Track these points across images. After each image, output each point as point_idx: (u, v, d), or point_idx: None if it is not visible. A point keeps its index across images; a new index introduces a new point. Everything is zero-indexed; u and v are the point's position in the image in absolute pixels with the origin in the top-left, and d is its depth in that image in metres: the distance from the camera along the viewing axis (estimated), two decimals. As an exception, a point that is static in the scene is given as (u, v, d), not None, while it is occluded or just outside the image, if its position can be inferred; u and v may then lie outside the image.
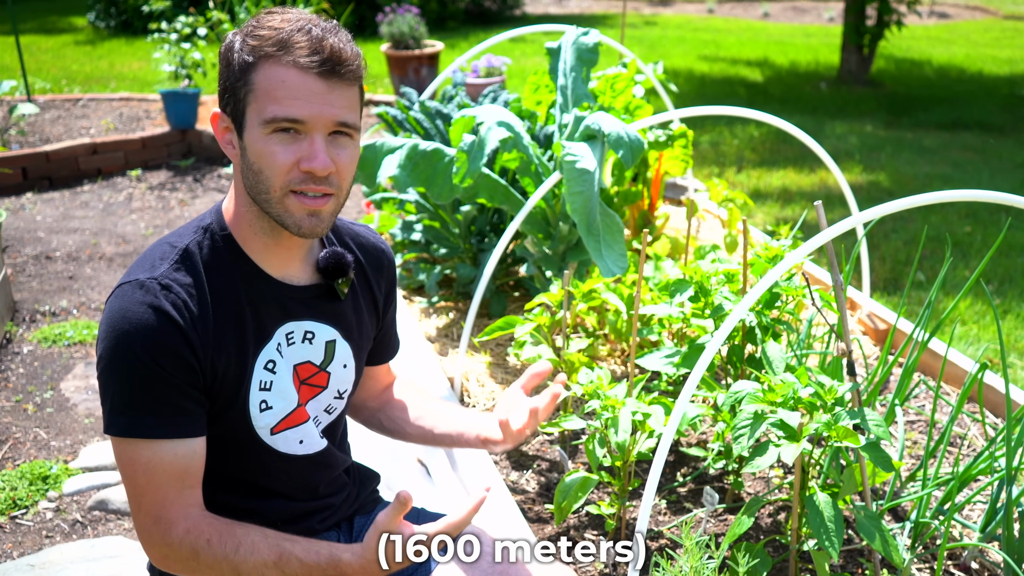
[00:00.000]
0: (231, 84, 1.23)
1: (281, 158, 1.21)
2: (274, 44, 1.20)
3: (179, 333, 1.21)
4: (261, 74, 1.20)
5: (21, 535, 2.25)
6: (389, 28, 6.64)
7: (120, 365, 1.20)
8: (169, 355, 1.21)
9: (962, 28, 11.93)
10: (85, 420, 2.76)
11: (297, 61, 1.19)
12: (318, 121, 1.21)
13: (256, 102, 1.21)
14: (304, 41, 1.19)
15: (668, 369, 1.96)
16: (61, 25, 10.42)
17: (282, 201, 1.23)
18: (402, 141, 2.50)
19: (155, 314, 1.21)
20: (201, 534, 1.23)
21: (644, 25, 11.44)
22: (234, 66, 1.23)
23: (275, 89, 1.19)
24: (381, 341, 1.52)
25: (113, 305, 1.23)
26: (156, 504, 1.23)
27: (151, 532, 1.24)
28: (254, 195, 1.25)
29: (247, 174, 1.25)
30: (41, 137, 5.36)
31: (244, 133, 1.24)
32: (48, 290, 3.72)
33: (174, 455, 1.23)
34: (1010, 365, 3.17)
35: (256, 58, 1.20)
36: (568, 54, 2.70)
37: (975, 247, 4.36)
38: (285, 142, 1.21)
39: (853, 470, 1.66)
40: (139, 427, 1.21)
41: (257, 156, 1.22)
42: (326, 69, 1.20)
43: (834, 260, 1.61)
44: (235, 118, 1.24)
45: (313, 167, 1.21)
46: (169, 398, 1.22)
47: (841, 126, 6.86)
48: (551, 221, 2.72)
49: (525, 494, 2.10)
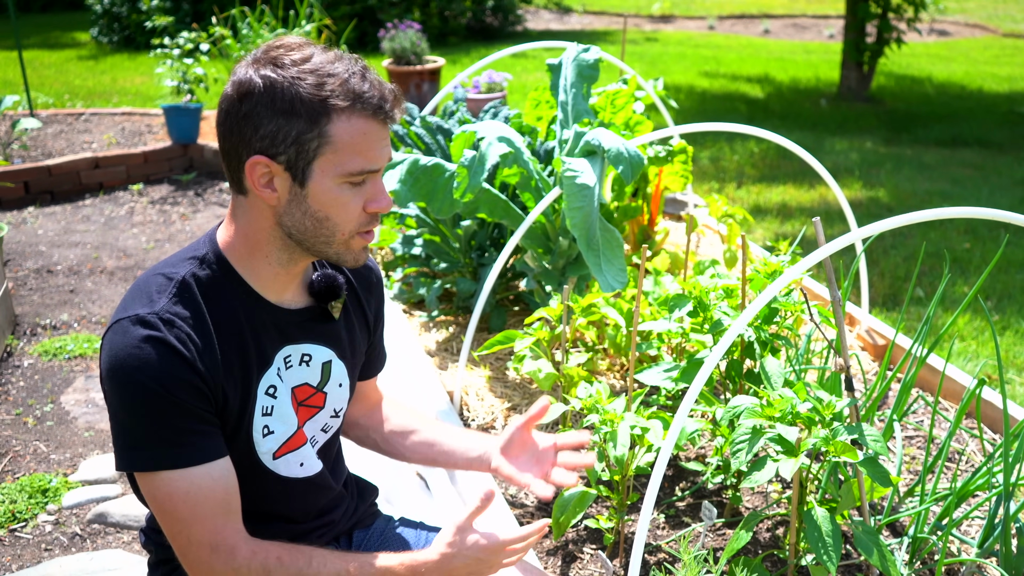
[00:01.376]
0: (296, 134, 1.18)
1: (354, 205, 1.24)
2: (346, 95, 1.18)
3: (188, 366, 1.20)
4: (339, 127, 1.19)
5: (20, 548, 2.24)
6: (391, 44, 6.69)
7: (134, 402, 1.19)
8: (181, 384, 1.20)
9: (962, 46, 11.99)
10: (85, 433, 2.76)
11: (367, 111, 1.20)
12: (383, 165, 1.26)
13: (334, 154, 1.20)
14: (367, 89, 1.21)
15: (667, 384, 1.97)
16: (64, 40, 10.48)
17: (347, 243, 1.27)
18: (403, 156, 2.52)
19: (162, 348, 1.19)
20: (269, 553, 1.23)
21: (645, 41, 11.51)
22: (299, 116, 1.17)
23: (357, 143, 1.20)
24: (370, 356, 1.53)
25: (115, 342, 1.20)
26: (208, 532, 1.22)
27: (211, 563, 1.22)
28: (306, 238, 1.25)
29: (303, 220, 1.24)
30: (43, 151, 5.39)
31: (309, 183, 1.22)
32: (49, 304, 3.74)
33: (211, 479, 1.22)
34: (1008, 381, 3.17)
35: (330, 108, 1.18)
36: (569, 70, 2.72)
37: (974, 263, 4.37)
38: (356, 189, 1.24)
39: (851, 485, 1.67)
40: (171, 458, 1.20)
41: (326, 205, 1.23)
42: (387, 116, 1.23)
43: (832, 276, 1.62)
44: (295, 166, 1.21)
45: (382, 207, 1.26)
46: (190, 425, 1.21)
47: (841, 142, 6.88)
48: (551, 236, 2.74)
49: (524, 508, 2.10)
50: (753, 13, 14.31)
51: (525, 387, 2.59)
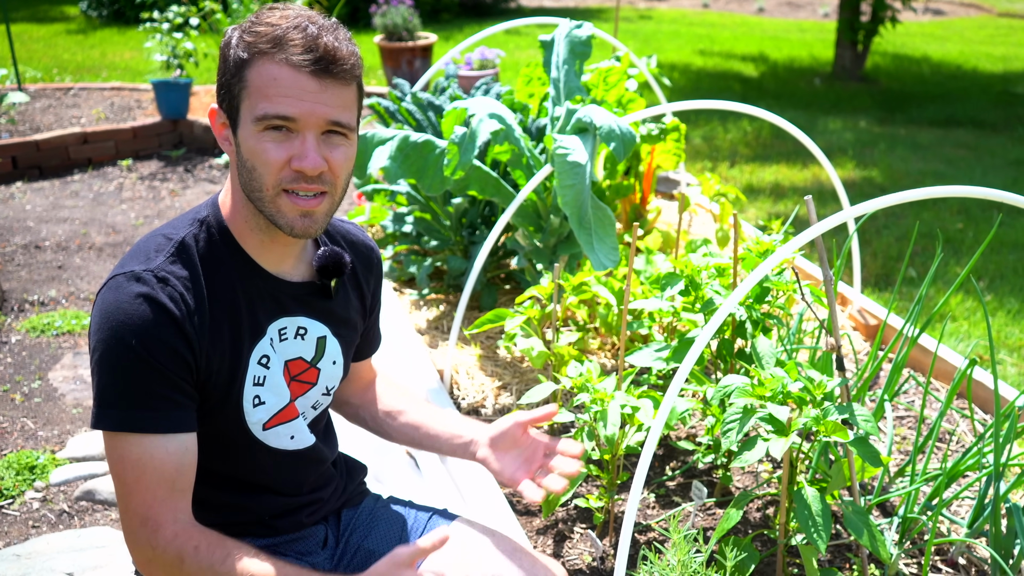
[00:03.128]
0: (227, 80, 1.23)
1: (272, 156, 1.20)
2: (269, 41, 1.19)
3: (175, 326, 1.20)
4: (255, 71, 1.19)
5: (7, 525, 2.24)
6: (383, 20, 6.62)
7: (114, 357, 1.19)
8: (164, 348, 1.19)
9: (957, 25, 11.94)
10: (73, 410, 2.75)
11: (290, 59, 1.18)
12: (309, 119, 1.20)
13: (249, 99, 1.20)
14: (299, 39, 1.18)
15: (658, 364, 1.96)
16: (53, 14, 10.36)
17: (274, 200, 1.23)
18: (393, 132, 2.49)
19: (151, 306, 1.19)
20: (190, 539, 1.21)
21: (639, 19, 11.43)
22: (230, 62, 1.22)
23: (267, 86, 1.19)
24: (365, 337, 1.52)
25: (107, 296, 1.21)
26: (144, 504, 1.21)
27: (137, 533, 1.22)
28: (248, 192, 1.25)
29: (242, 171, 1.24)
30: (31, 126, 5.34)
31: (238, 130, 1.23)
32: (37, 280, 3.71)
33: (165, 451, 1.21)
34: (999, 361, 3.18)
35: (251, 55, 1.20)
36: (561, 47, 2.68)
37: (967, 244, 4.37)
38: (277, 140, 1.20)
39: (841, 465, 1.67)
40: (131, 421, 1.19)
41: (250, 153, 1.22)
42: (319, 68, 1.19)
43: (824, 255, 1.61)
44: (230, 114, 1.24)
45: (303, 166, 1.20)
46: (163, 392, 1.20)
47: (835, 122, 6.86)
48: (542, 214, 2.72)
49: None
50: (748, -9, 14.22)
51: (516, 366, 2.58)
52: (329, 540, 1.48)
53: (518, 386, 2.46)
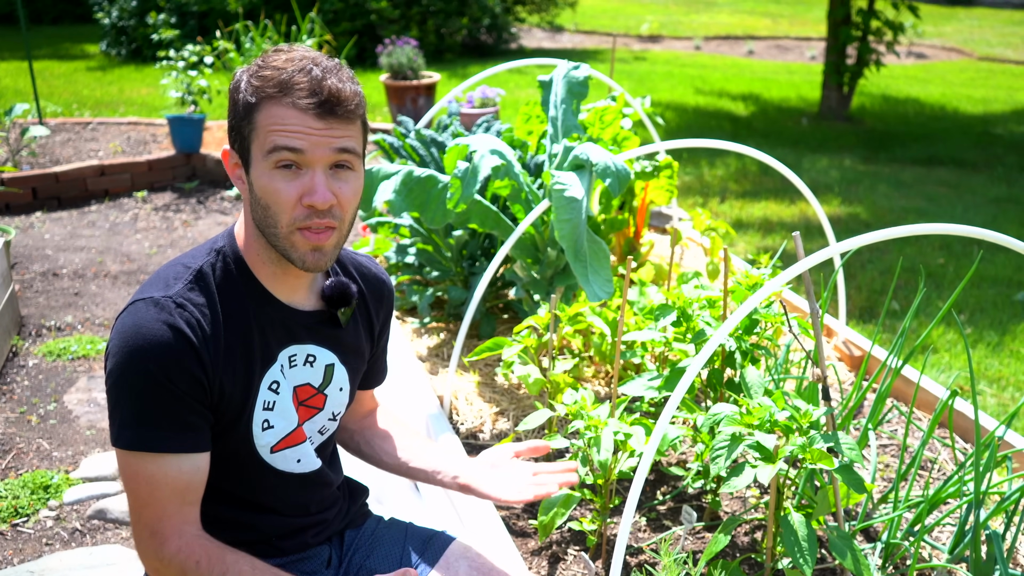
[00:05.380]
0: (237, 123, 1.28)
1: (284, 194, 1.25)
2: (275, 86, 1.23)
3: (192, 351, 1.25)
4: (263, 115, 1.24)
5: (22, 542, 2.28)
6: (388, 59, 6.78)
7: (132, 380, 1.23)
8: (181, 372, 1.24)
9: (939, 68, 12.21)
10: (87, 432, 2.80)
11: (296, 103, 1.23)
12: (316, 152, 1.24)
13: (259, 139, 1.25)
14: (304, 82, 1.23)
15: (650, 394, 2.00)
16: (74, 52, 10.50)
17: (288, 237, 1.27)
18: (397, 167, 2.57)
19: (169, 331, 1.24)
20: (192, 554, 1.26)
21: (634, 60, 11.63)
22: (239, 106, 1.27)
23: (275, 125, 1.24)
24: (372, 368, 1.56)
25: (126, 321, 1.26)
26: (154, 518, 1.26)
27: (147, 544, 1.27)
28: (263, 229, 1.29)
29: (256, 209, 1.29)
30: (51, 159, 5.47)
31: (251, 169, 1.28)
32: (54, 306, 3.79)
33: (178, 470, 1.26)
34: (980, 392, 3.25)
35: (258, 99, 1.24)
36: (559, 87, 2.78)
37: (948, 278, 4.48)
38: (288, 178, 1.25)
39: (827, 491, 1.70)
40: (146, 441, 1.24)
41: (263, 192, 1.26)
42: (324, 110, 1.23)
43: (811, 289, 1.67)
44: (242, 155, 1.29)
45: (314, 200, 1.24)
46: (178, 414, 1.25)
47: (821, 160, 7.00)
48: (540, 247, 2.79)
49: (510, 509, 2.14)
50: (738, 34, 14.50)
51: (513, 392, 2.64)
52: (333, 560, 1.52)
53: (515, 412, 2.52)
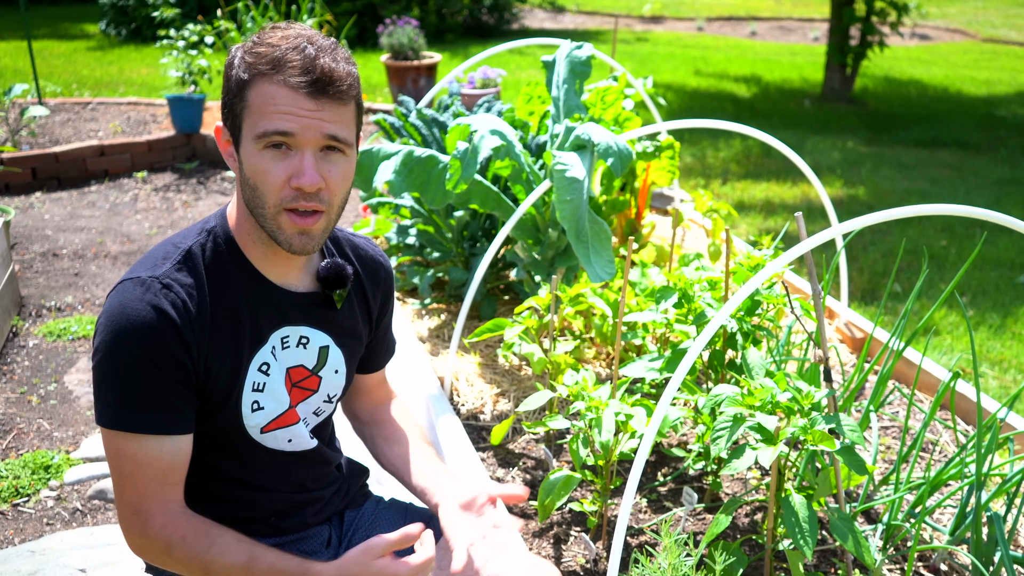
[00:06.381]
0: (229, 100, 1.26)
1: (273, 175, 1.23)
2: (268, 63, 1.22)
3: (175, 332, 1.24)
4: (254, 92, 1.23)
5: (23, 522, 2.29)
6: (389, 39, 6.74)
7: (115, 359, 1.23)
8: (164, 353, 1.23)
9: (942, 50, 12.13)
10: (87, 412, 2.81)
11: (288, 80, 1.21)
12: (306, 135, 1.22)
13: (250, 118, 1.24)
14: (297, 60, 1.21)
15: (651, 375, 2.00)
16: (74, 32, 10.46)
17: (275, 218, 1.26)
18: (398, 147, 2.55)
19: (154, 312, 1.23)
20: (176, 530, 1.26)
21: (636, 41, 11.56)
22: (232, 82, 1.25)
23: (266, 105, 1.22)
24: (373, 350, 1.54)
25: (113, 300, 1.26)
26: (137, 496, 1.27)
27: (130, 522, 1.28)
28: (251, 208, 1.28)
29: (245, 188, 1.27)
30: (51, 139, 5.45)
31: (241, 147, 1.26)
32: (54, 286, 3.79)
33: (160, 451, 1.26)
34: (981, 375, 3.26)
35: (251, 76, 1.23)
36: (562, 67, 2.76)
37: (950, 260, 4.47)
38: (277, 158, 1.23)
39: (828, 473, 1.70)
40: (128, 421, 1.24)
41: (252, 171, 1.25)
42: (316, 89, 1.21)
43: (813, 270, 1.67)
44: (233, 132, 1.27)
45: (301, 183, 1.23)
46: (160, 395, 1.25)
47: (824, 141, 6.97)
48: (541, 227, 2.78)
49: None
50: (741, 15, 14.40)
51: (514, 374, 2.64)
52: (332, 540, 1.52)
53: (516, 393, 2.52)
